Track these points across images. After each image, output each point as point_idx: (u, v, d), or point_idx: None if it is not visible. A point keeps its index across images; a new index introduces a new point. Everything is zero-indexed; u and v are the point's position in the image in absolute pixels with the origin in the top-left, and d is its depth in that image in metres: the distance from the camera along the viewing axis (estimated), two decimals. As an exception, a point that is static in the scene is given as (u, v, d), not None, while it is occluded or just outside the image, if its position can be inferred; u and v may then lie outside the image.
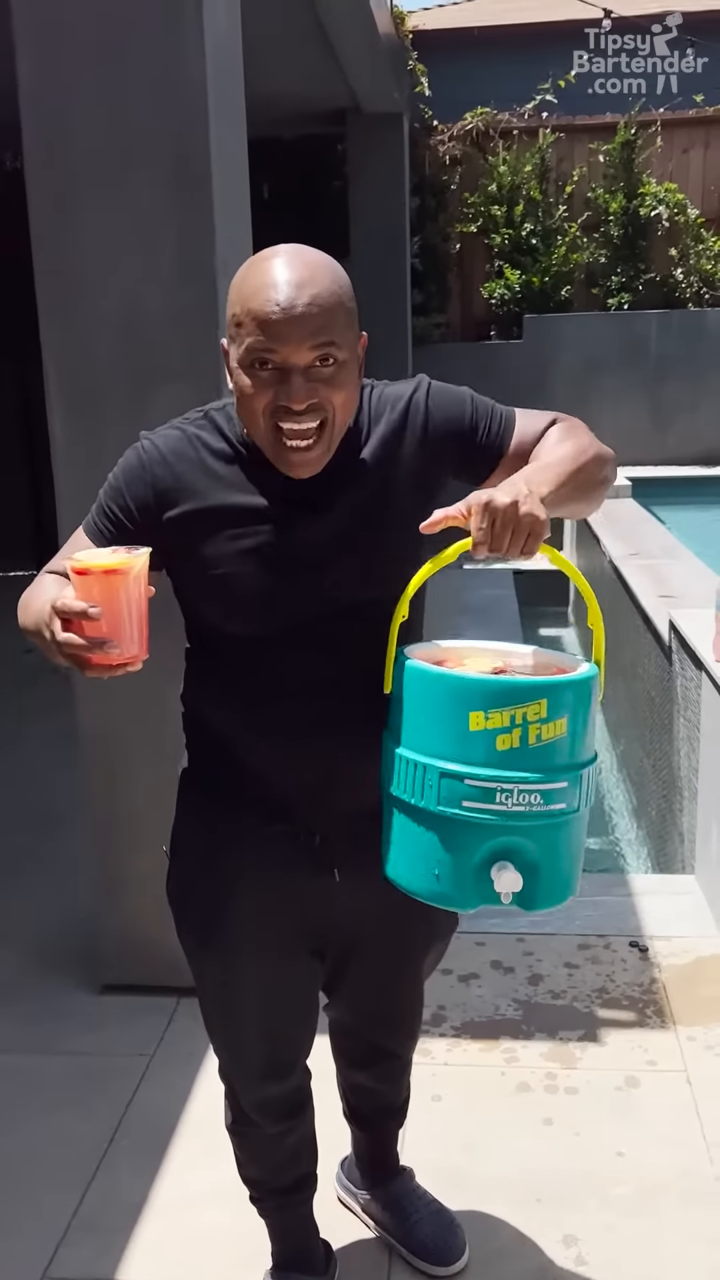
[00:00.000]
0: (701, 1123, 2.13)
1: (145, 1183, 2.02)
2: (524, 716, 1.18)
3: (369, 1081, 1.76)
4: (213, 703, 1.44)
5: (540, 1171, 2.02)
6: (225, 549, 1.32)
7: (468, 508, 1.19)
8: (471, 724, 1.19)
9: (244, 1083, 1.59)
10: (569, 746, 1.22)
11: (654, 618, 3.93)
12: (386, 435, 1.36)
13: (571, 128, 8.42)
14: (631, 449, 8.32)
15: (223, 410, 1.37)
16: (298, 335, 1.21)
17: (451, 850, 1.23)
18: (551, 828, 1.22)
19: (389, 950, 1.57)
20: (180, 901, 1.52)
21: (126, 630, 1.16)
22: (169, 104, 2.13)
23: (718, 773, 2.85)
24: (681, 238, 8.43)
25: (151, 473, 1.33)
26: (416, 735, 1.24)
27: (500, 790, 1.19)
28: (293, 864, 1.44)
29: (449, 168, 8.45)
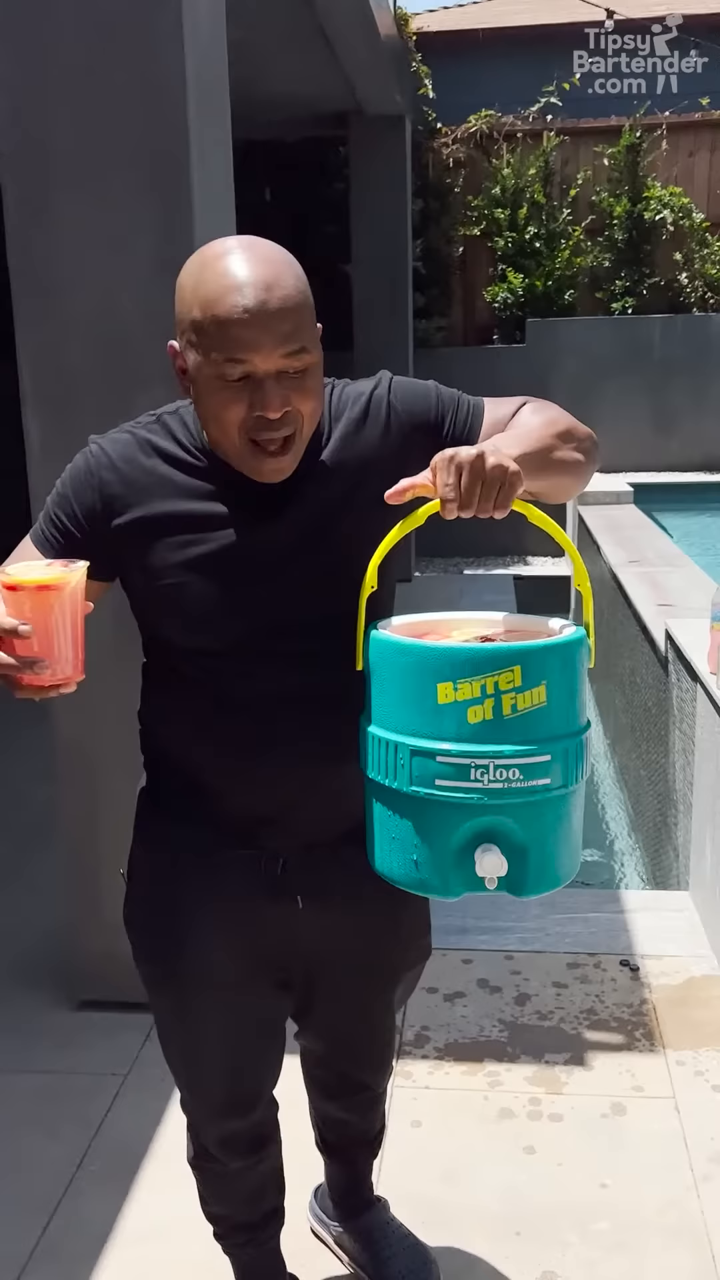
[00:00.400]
0: (689, 1153, 2.06)
1: (112, 1210, 1.96)
2: (495, 686, 1.09)
3: (340, 1112, 1.70)
4: (169, 720, 1.38)
5: (520, 1203, 1.95)
6: (177, 557, 1.25)
7: (433, 467, 1.12)
8: (440, 696, 1.10)
9: (205, 1118, 1.52)
10: (550, 716, 1.12)
11: (651, 627, 3.87)
12: (347, 433, 1.30)
13: (576, 131, 8.36)
14: (634, 455, 8.26)
15: (175, 414, 1.31)
16: (270, 341, 1.14)
17: (429, 833, 1.14)
18: (536, 805, 1.13)
19: (357, 980, 1.50)
20: (136, 929, 1.46)
21: (59, 649, 1.10)
22: (146, 101, 2.08)
23: (711, 788, 2.78)
24: (686, 242, 8.36)
25: (99, 478, 1.27)
26: (386, 711, 1.16)
27: (474, 766, 1.10)
28: (254, 891, 1.38)
29: (452, 170, 8.40)
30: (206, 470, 1.26)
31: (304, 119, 7.26)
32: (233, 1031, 1.45)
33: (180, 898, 1.39)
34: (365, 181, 7.25)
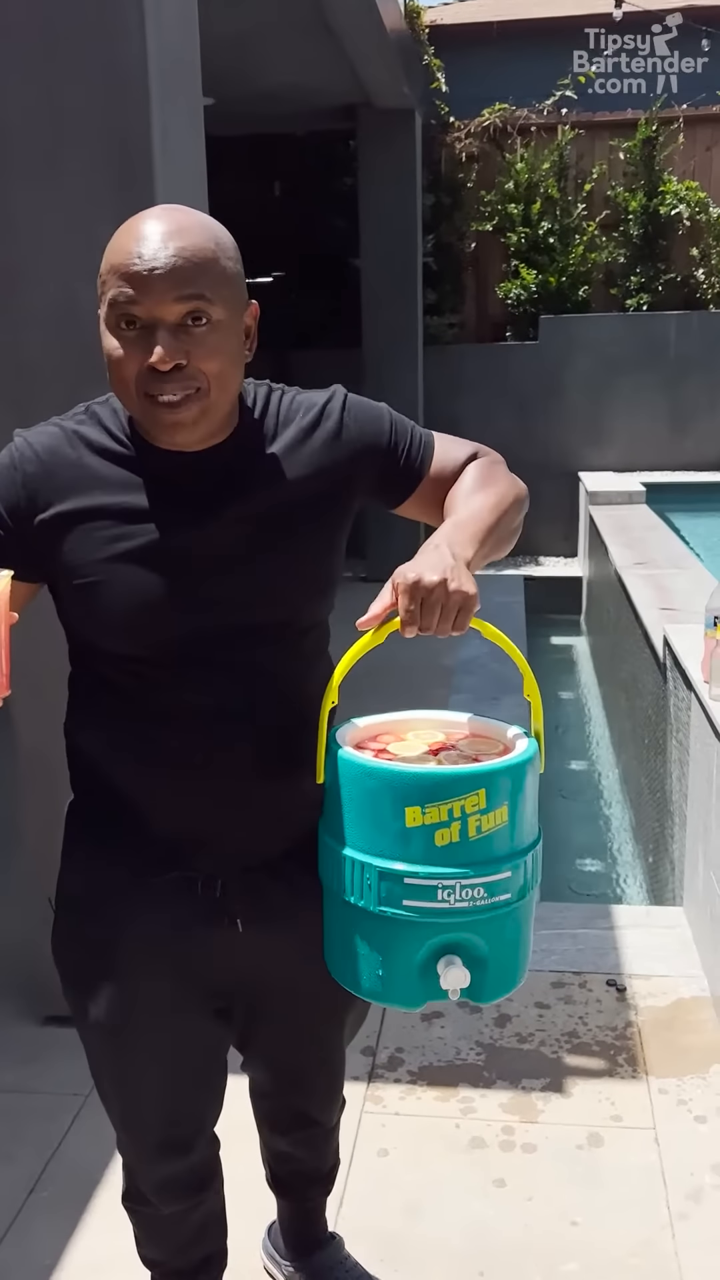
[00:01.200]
0: (666, 1190, 1.96)
1: (60, 1242, 1.89)
2: (462, 809, 1.12)
3: (289, 1148, 1.62)
4: (95, 734, 1.30)
5: (486, 1241, 1.87)
6: (101, 553, 1.19)
7: (394, 586, 1.12)
8: (408, 820, 1.12)
9: (140, 1160, 1.44)
10: (510, 834, 1.16)
11: (651, 632, 3.76)
12: (294, 442, 1.25)
13: (591, 124, 8.22)
14: (648, 453, 8.12)
15: (105, 403, 1.26)
16: (161, 287, 1.10)
17: (394, 950, 1.17)
18: (498, 919, 1.17)
19: (302, 1006, 1.42)
20: (63, 961, 1.37)
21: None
22: (106, 85, 2.00)
23: (703, 801, 2.68)
24: (703, 237, 8.20)
25: (23, 472, 1.21)
26: (352, 830, 1.17)
27: (441, 887, 1.13)
28: (190, 916, 1.30)
29: (465, 165, 8.28)
30: (135, 461, 1.21)
31: (312, 112, 7.17)
32: (168, 1067, 1.37)
33: (109, 927, 1.31)
34: (374, 175, 7.16)
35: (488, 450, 1.37)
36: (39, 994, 2.48)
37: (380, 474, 1.31)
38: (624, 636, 4.66)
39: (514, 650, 1.22)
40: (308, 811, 1.28)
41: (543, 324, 8.11)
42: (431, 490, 1.33)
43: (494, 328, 8.52)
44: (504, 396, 8.04)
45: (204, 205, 2.37)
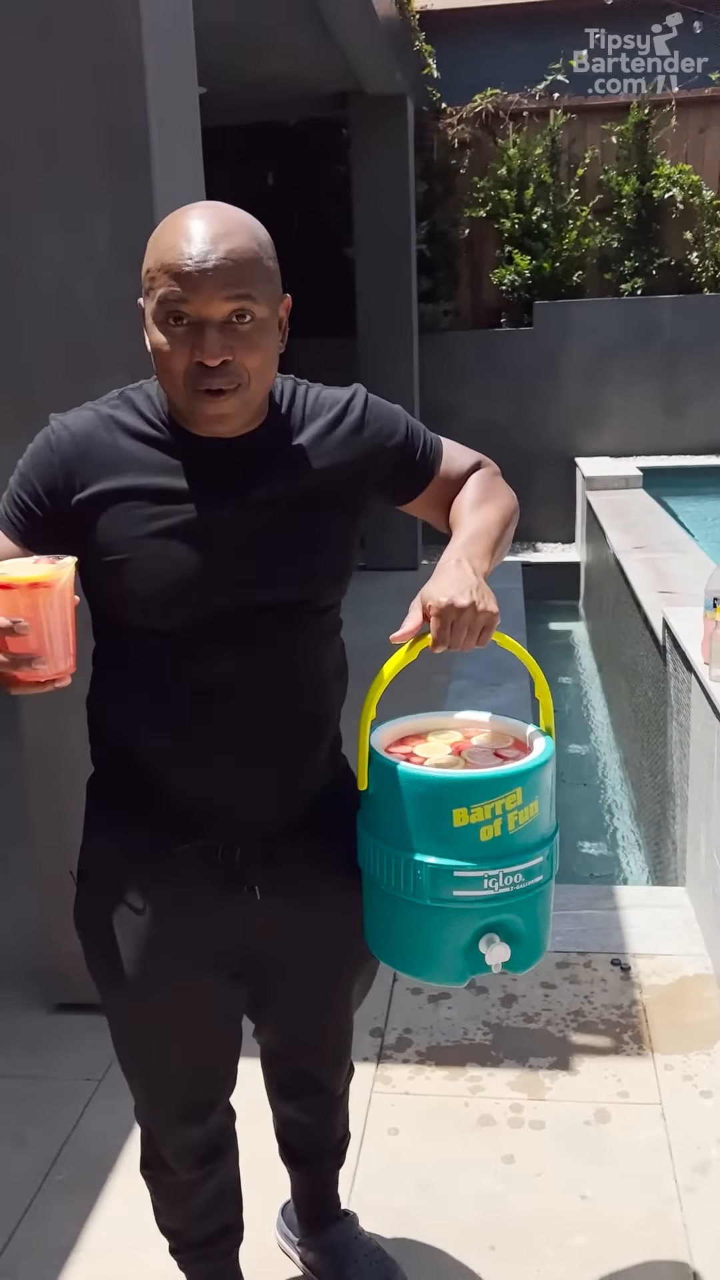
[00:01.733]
0: (674, 1163, 1.99)
1: (76, 1224, 1.91)
2: (503, 807, 1.24)
3: (298, 1115, 1.65)
4: (120, 706, 1.34)
5: (496, 1215, 1.89)
6: (136, 530, 1.24)
7: (425, 609, 1.20)
8: (455, 820, 1.23)
9: (161, 1125, 1.47)
10: (539, 823, 1.29)
11: (650, 615, 3.78)
12: (318, 435, 1.32)
13: (583, 109, 8.20)
14: (644, 438, 8.13)
15: (140, 390, 1.32)
16: (211, 287, 1.16)
17: (444, 936, 1.28)
18: (531, 899, 1.29)
19: (315, 970, 1.47)
20: (87, 931, 1.41)
21: (53, 645, 1.10)
22: (101, 76, 2.01)
23: (705, 782, 2.70)
24: (696, 221, 8.19)
25: (60, 454, 1.27)
26: (401, 832, 1.27)
27: (487, 878, 1.24)
28: (209, 884, 1.35)
29: (458, 151, 8.26)
30: (170, 444, 1.27)
31: (304, 100, 7.15)
32: (189, 1031, 1.41)
33: (132, 895, 1.35)
34: (367, 162, 7.15)
35: (489, 461, 1.47)
36: (48, 982, 2.50)
37: (394, 471, 1.38)
38: (623, 620, 4.68)
39: (527, 657, 1.35)
40: (320, 783, 1.36)
41: (537, 310, 8.11)
42: (439, 491, 1.41)
43: (488, 314, 8.51)
44: (500, 383, 8.04)
45: (201, 196, 2.38)
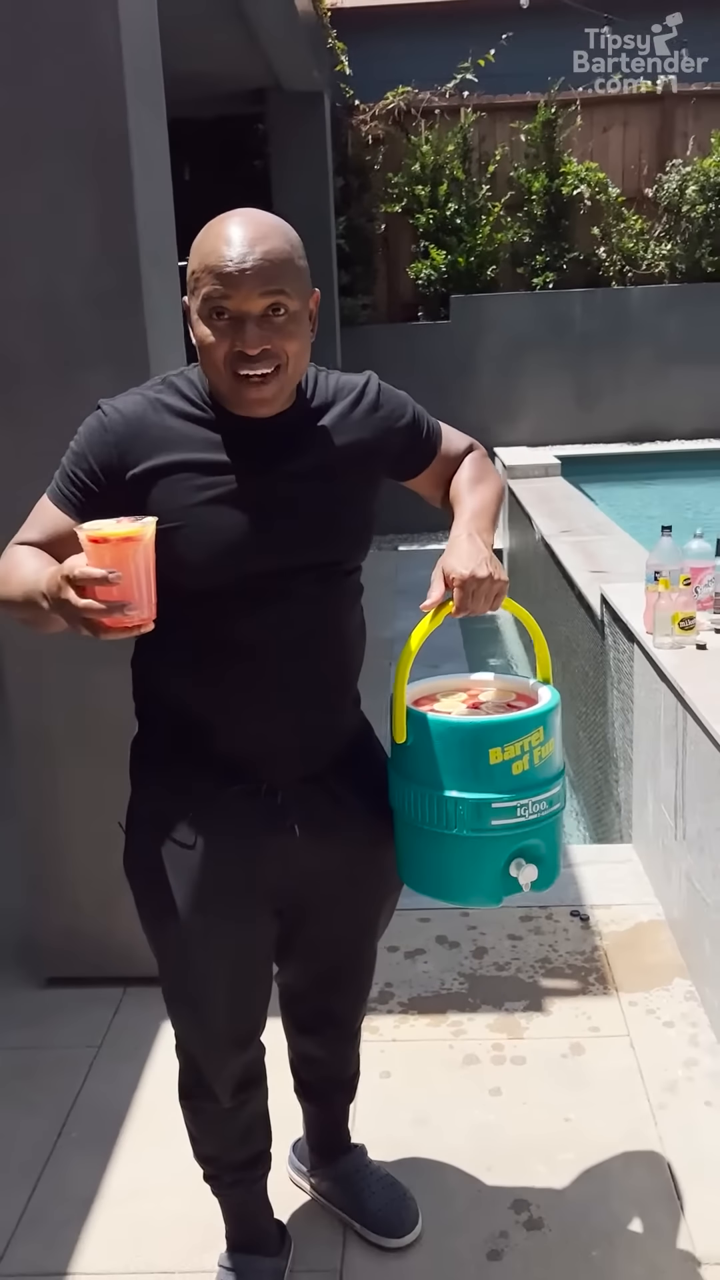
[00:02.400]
0: (645, 1085, 2.17)
1: (95, 1175, 2.01)
2: (529, 744, 1.41)
3: (317, 1050, 1.77)
4: (168, 664, 1.46)
5: (489, 1142, 2.05)
6: (188, 499, 1.37)
7: (448, 580, 1.37)
8: (491, 758, 1.40)
9: (207, 1052, 1.58)
10: (555, 756, 1.47)
11: (587, 593, 3.98)
12: (343, 414, 1.47)
13: (492, 107, 8.43)
14: (559, 428, 8.41)
15: (181, 375, 1.44)
16: (249, 285, 1.29)
17: (485, 861, 1.44)
18: (552, 824, 1.48)
19: (347, 904, 1.60)
20: (138, 874, 1.52)
21: (139, 594, 1.22)
22: (81, 77, 2.09)
23: (650, 743, 2.90)
24: (603, 217, 8.50)
25: (114, 433, 1.38)
26: (443, 775, 1.42)
27: (519, 806, 1.42)
28: (252, 824, 1.47)
29: (371, 148, 8.41)
30: (213, 422, 1.40)
31: (221, 96, 7.22)
32: (237, 962, 1.53)
33: (183, 834, 1.47)
34: (285, 159, 7.25)
35: (478, 445, 1.65)
36: (40, 958, 2.57)
37: (402, 450, 1.54)
38: (554, 601, 4.88)
39: (526, 616, 1.52)
40: (347, 730, 1.53)
41: (453, 303, 8.32)
42: (438, 469, 1.59)
43: (405, 308, 8.69)
44: (418, 375, 8.14)
45: (169, 189, 2.48)
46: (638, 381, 8.43)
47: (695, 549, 2.97)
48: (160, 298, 2.31)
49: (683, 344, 8.35)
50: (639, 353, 8.39)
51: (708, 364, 8.35)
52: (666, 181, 8.43)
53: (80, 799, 2.44)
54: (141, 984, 2.51)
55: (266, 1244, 1.74)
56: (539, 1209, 1.89)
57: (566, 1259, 1.79)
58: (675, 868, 2.65)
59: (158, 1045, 2.34)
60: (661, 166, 8.53)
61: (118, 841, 1.56)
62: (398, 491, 1.62)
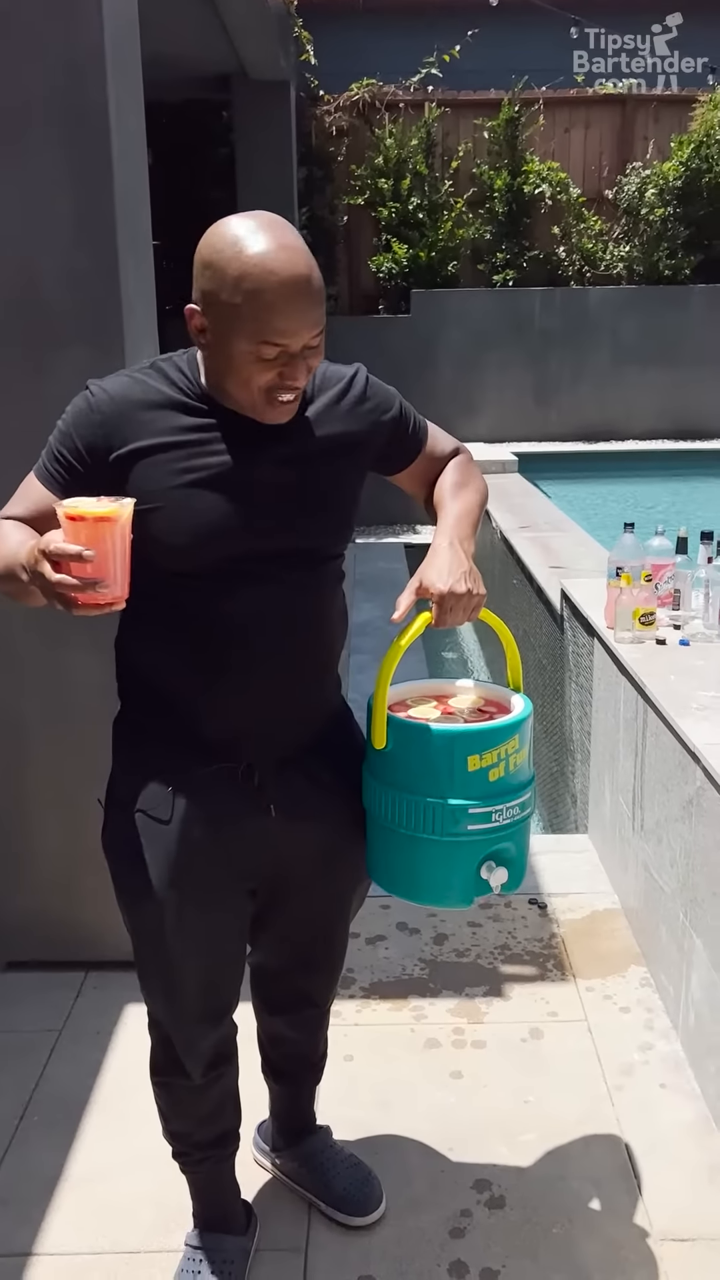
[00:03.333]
0: (602, 1067, 2.22)
1: (59, 1156, 2.01)
2: (505, 751, 1.45)
3: (287, 1030, 1.79)
4: (149, 642, 1.48)
5: (451, 1123, 2.08)
6: (168, 482, 1.38)
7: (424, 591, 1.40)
8: (470, 765, 1.43)
9: (180, 1028, 1.59)
10: (526, 763, 1.51)
11: (546, 588, 4.04)
12: (330, 404, 1.48)
13: (456, 103, 8.47)
14: (516, 424, 8.49)
15: (169, 361, 1.44)
16: (305, 326, 1.31)
17: (460, 864, 1.48)
18: (523, 828, 1.52)
19: (321, 885, 1.62)
20: (115, 850, 1.53)
21: (113, 572, 1.24)
22: (65, 55, 2.07)
23: (609, 735, 2.95)
24: (564, 216, 8.58)
25: (101, 414, 1.38)
26: (421, 781, 1.46)
27: (495, 811, 1.45)
28: (231, 803, 1.49)
29: (335, 139, 8.41)
30: (199, 409, 1.40)
31: (187, 81, 7.17)
32: (212, 939, 1.54)
33: (162, 811, 1.48)
34: (250, 147, 7.22)
35: (465, 448, 1.67)
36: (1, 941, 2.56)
37: (387, 443, 1.55)
38: (512, 595, 4.94)
39: (501, 626, 1.57)
40: (326, 713, 1.55)
41: (414, 298, 8.35)
42: (423, 467, 1.61)
43: (366, 300, 8.72)
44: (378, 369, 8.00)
45: (145, 171, 2.47)
46: (594, 381, 8.53)
47: (656, 546, 3.03)
48: (136, 280, 2.30)
49: (639, 345, 8.47)
50: (596, 353, 8.50)
51: (663, 366, 8.48)
52: (626, 184, 8.54)
53: (45, 781, 2.43)
54: (104, 968, 2.51)
55: (233, 1223, 1.76)
56: (500, 1188, 1.93)
57: (527, 1236, 1.83)
58: (632, 857, 2.70)
59: (120, 1029, 2.34)
60: (622, 169, 8.64)
61: (82, 824, 1.57)
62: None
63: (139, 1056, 1.66)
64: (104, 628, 1.55)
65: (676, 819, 2.32)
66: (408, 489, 1.65)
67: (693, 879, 2.21)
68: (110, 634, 1.55)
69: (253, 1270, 1.76)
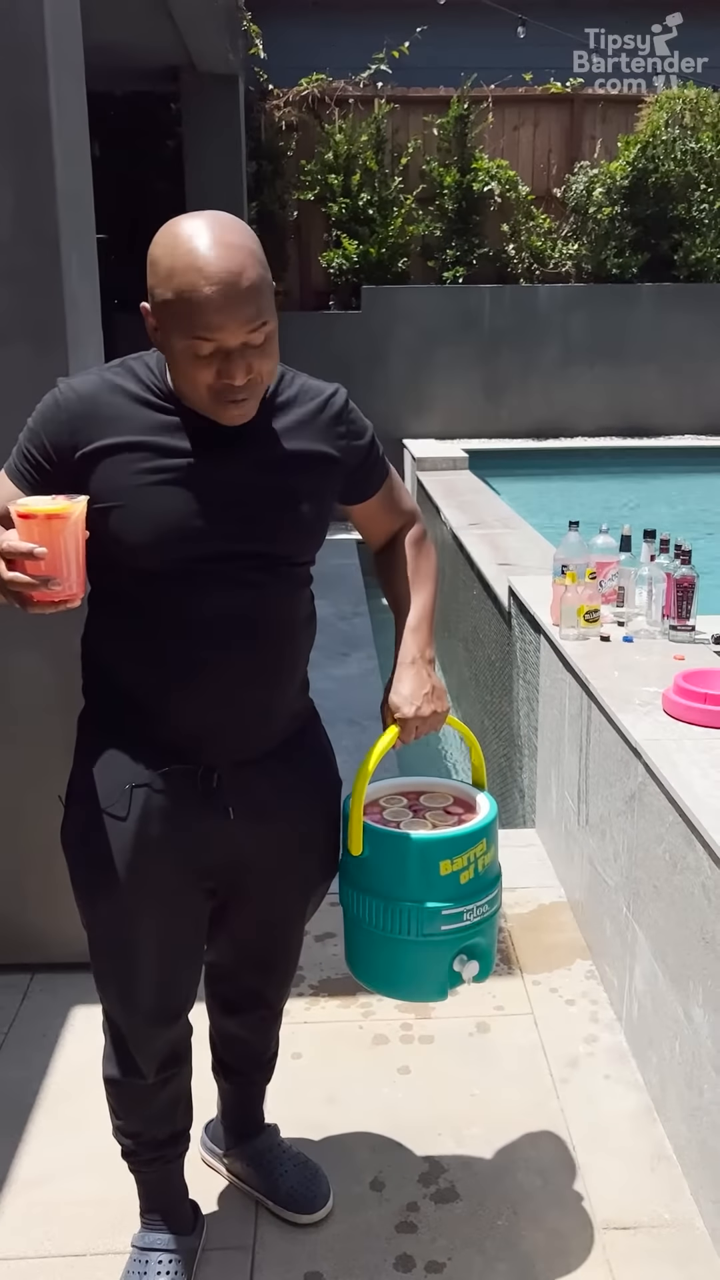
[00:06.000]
0: (548, 1060, 2.25)
1: (3, 1160, 1.99)
2: (475, 854, 1.53)
3: (239, 1030, 1.79)
4: (112, 641, 1.48)
5: (399, 1118, 2.10)
6: (131, 481, 1.38)
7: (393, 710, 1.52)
8: (442, 870, 1.51)
9: (134, 1027, 1.59)
10: (494, 861, 1.59)
11: (494, 585, 4.07)
12: (304, 418, 1.48)
13: (406, 99, 8.48)
14: (467, 421, 8.53)
15: (139, 359, 1.44)
16: (235, 324, 1.28)
17: (430, 962, 1.56)
18: (492, 921, 1.60)
19: (278, 888, 1.62)
20: (76, 846, 1.52)
21: (66, 570, 1.24)
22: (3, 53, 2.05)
23: (555, 731, 2.99)
24: (513, 214, 8.63)
25: (67, 411, 1.39)
26: (395, 885, 1.53)
27: (466, 911, 1.53)
28: (189, 803, 1.49)
29: (285, 134, 8.38)
30: (166, 409, 1.40)
31: (134, 72, 7.12)
32: (165, 940, 1.54)
33: (120, 809, 1.47)
34: (199, 140, 7.18)
35: (420, 514, 1.70)
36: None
37: (351, 471, 1.55)
38: (461, 591, 4.97)
39: (466, 731, 1.66)
40: (289, 717, 1.55)
41: (365, 294, 8.36)
42: (376, 510, 1.64)
43: (317, 296, 8.71)
44: (329, 364, 8.17)
45: (88, 166, 2.45)
46: (544, 378, 8.60)
47: (600, 544, 3.06)
48: (79, 276, 2.28)
49: (587, 343, 8.55)
50: (545, 350, 8.56)
51: (611, 363, 8.57)
52: (574, 182, 8.60)
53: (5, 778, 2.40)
54: (50, 970, 2.49)
55: (180, 1223, 1.76)
56: (447, 1180, 1.94)
57: (474, 1228, 1.85)
58: (577, 851, 2.74)
59: (67, 1032, 2.32)
60: (570, 167, 8.71)
61: (27, 825, 1.56)
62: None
63: (86, 1059, 1.65)
64: (50, 626, 1.55)
65: (620, 813, 2.36)
66: (357, 525, 1.66)
67: (635, 873, 2.24)
68: (61, 632, 1.55)
69: (199, 1270, 1.76)
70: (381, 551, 1.69)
